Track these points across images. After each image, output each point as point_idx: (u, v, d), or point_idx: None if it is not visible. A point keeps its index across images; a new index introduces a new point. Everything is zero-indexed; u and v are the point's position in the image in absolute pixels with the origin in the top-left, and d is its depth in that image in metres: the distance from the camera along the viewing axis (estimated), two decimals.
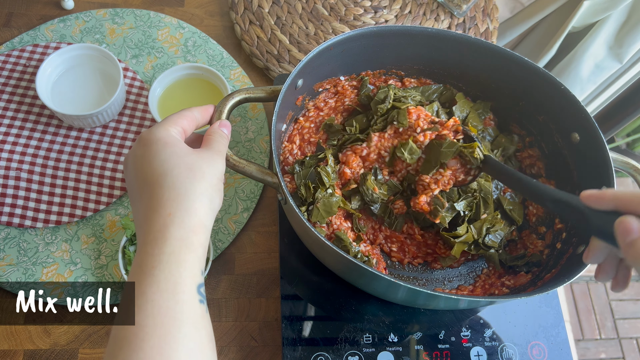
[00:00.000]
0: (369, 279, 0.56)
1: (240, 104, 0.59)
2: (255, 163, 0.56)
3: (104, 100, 0.75)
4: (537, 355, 0.66)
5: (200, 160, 0.46)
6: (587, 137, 0.63)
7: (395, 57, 0.71)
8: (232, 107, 0.58)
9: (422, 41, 0.68)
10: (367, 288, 0.62)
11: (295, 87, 0.64)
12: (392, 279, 0.51)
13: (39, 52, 0.80)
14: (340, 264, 0.58)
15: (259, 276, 0.71)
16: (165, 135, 0.47)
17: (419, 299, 0.58)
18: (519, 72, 0.67)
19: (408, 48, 0.69)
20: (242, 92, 0.59)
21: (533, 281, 0.63)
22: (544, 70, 0.65)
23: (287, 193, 0.54)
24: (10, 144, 0.74)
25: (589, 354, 1.67)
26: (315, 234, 0.52)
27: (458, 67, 0.71)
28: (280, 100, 0.59)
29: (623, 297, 1.77)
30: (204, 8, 0.90)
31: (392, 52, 0.69)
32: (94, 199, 0.72)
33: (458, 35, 0.67)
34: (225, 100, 0.57)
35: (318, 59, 0.63)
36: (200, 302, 0.40)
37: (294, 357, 0.63)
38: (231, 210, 0.74)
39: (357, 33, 0.64)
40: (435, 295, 0.53)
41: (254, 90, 0.59)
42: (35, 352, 0.64)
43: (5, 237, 0.70)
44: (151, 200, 0.43)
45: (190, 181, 0.44)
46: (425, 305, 0.63)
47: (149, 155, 0.45)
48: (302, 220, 0.53)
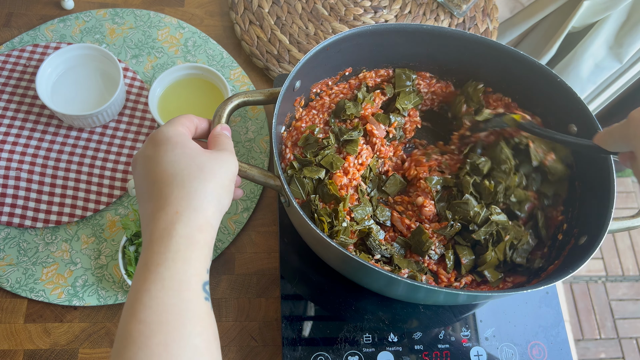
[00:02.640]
0: (375, 277, 0.56)
1: (239, 108, 0.59)
2: (257, 167, 0.56)
3: (104, 100, 0.75)
4: (537, 355, 0.66)
5: (212, 160, 0.46)
6: (584, 128, 0.63)
7: (392, 56, 0.71)
8: (231, 111, 0.57)
9: (418, 38, 0.68)
10: (372, 286, 0.62)
11: (293, 88, 0.64)
12: (393, 275, 0.50)
13: (39, 52, 0.80)
14: (346, 264, 0.58)
15: (259, 276, 0.71)
16: (175, 135, 0.47)
17: (419, 294, 0.58)
18: (516, 67, 0.67)
19: (404, 46, 0.69)
20: (241, 96, 0.59)
21: (535, 273, 0.63)
22: (540, 64, 0.65)
23: (290, 195, 0.54)
24: (11, 144, 0.74)
25: (588, 354, 1.67)
26: (320, 236, 0.52)
27: (453, 62, 0.71)
28: (279, 103, 0.59)
29: (623, 297, 1.77)
30: (204, 8, 0.90)
31: (389, 50, 0.69)
32: (94, 198, 0.72)
33: (451, 31, 0.67)
34: (224, 105, 0.57)
35: (315, 60, 0.63)
36: (205, 300, 0.41)
37: (294, 357, 0.63)
38: (231, 210, 0.74)
39: (353, 32, 0.64)
40: (436, 290, 0.52)
41: (252, 94, 0.59)
42: (35, 352, 0.65)
43: (5, 237, 0.70)
44: (159, 200, 0.43)
45: (199, 181, 0.44)
46: (425, 300, 0.62)
47: (159, 156, 0.45)
48: (307, 222, 0.52)
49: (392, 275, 0.51)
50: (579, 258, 0.55)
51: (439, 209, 0.68)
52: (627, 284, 1.79)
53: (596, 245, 0.55)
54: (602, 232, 0.56)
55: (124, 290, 0.68)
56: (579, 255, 0.56)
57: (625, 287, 1.78)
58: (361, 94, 0.71)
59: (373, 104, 0.70)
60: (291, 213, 0.60)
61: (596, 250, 0.55)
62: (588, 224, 0.60)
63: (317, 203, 0.62)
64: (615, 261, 1.83)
